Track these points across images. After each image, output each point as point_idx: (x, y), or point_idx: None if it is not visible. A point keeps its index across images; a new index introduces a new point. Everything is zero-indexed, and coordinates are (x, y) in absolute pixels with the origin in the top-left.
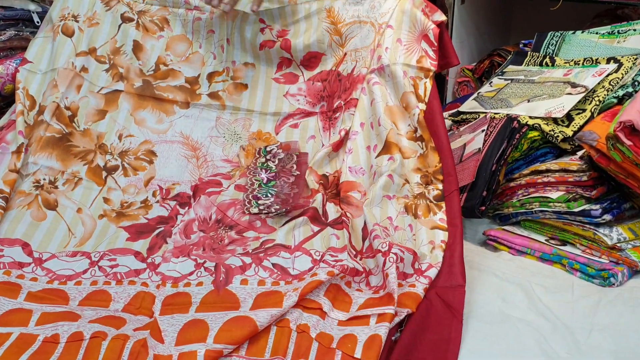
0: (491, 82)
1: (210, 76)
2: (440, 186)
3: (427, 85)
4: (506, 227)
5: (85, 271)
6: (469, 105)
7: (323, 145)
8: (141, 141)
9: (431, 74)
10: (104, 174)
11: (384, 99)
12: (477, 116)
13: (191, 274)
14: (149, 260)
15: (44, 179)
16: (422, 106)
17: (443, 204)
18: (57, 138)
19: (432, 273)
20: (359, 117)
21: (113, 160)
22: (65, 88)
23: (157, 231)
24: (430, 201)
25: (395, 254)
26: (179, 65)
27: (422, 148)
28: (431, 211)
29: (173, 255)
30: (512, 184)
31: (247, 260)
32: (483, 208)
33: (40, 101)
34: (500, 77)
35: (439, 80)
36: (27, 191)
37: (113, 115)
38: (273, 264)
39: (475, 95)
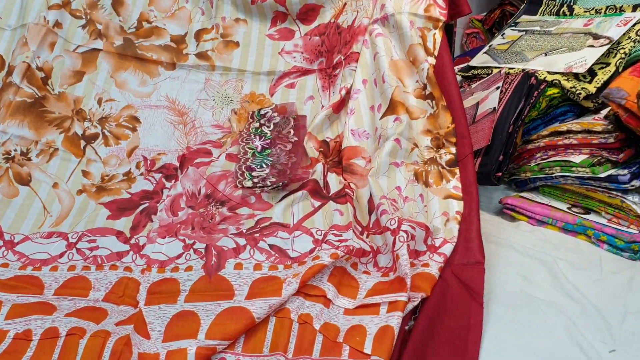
0: (503, 33)
1: (199, 34)
2: (453, 150)
3: (436, 37)
4: (524, 194)
5: (62, 254)
6: (480, 59)
7: (322, 106)
8: (123, 106)
9: (440, 24)
10: (83, 143)
11: (388, 52)
12: (490, 71)
13: (179, 256)
14: (132, 241)
15: (15, 150)
16: (432, 60)
17: (457, 170)
18: (29, 103)
19: (447, 249)
20: (360, 73)
21: (92, 127)
22: (36, 46)
23: (141, 207)
24: (443, 167)
25: (406, 231)
26: (163, 22)
27: (433, 107)
28: (444, 178)
29: (159, 235)
30: (529, 147)
31: (241, 241)
32: (499, 174)
33: (9, 61)
34: (513, 28)
35: (446, 31)
36: None
37: (91, 77)
38: (270, 246)
39: (486, 48)
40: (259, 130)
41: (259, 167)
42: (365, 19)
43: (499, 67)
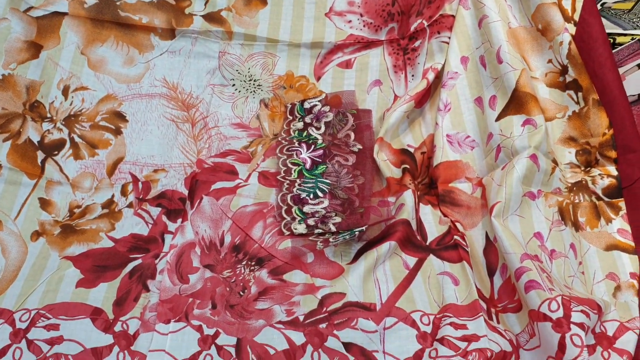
0: None
1: None
2: (613, 170)
3: None
4: None
5: (3, 351)
6: None
7: (396, 97)
8: (101, 97)
9: None
10: (40, 155)
11: (503, 15)
12: (612, 40)
13: (194, 359)
14: (117, 328)
15: None
16: (572, 28)
17: (622, 204)
18: None
19: (630, 342)
20: (457, 47)
21: (55, 131)
22: None
23: (130, 266)
24: (599, 197)
25: (581, 324)
26: None
27: (578, 102)
28: (602, 216)
29: (159, 316)
30: None
31: (297, 337)
32: None
33: None
34: None
35: None
36: None
37: (52, 55)
38: (346, 345)
39: (597, 7)
40: (305, 134)
41: (312, 196)
42: None
43: (625, 34)
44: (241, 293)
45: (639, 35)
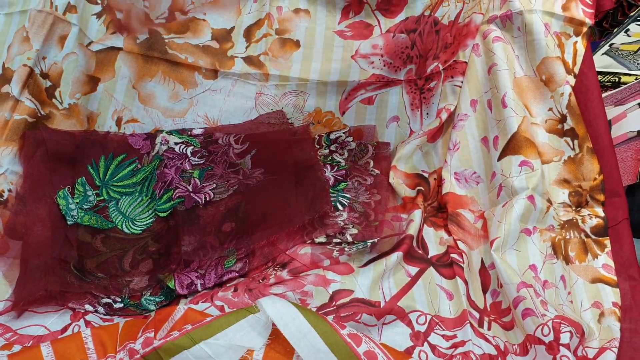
0: (627, 29)
1: (250, 31)
2: (600, 212)
3: (577, 48)
4: None
5: (64, 329)
6: (600, 62)
7: (412, 131)
8: (149, 130)
9: (585, 30)
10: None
11: (510, 65)
12: (617, 79)
13: None
14: None
15: (10, 191)
16: (572, 80)
17: (607, 241)
18: (30, 124)
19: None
20: (468, 91)
21: None
22: (41, 43)
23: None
24: (587, 235)
25: (567, 345)
26: (203, 11)
27: (573, 149)
28: (589, 251)
29: (190, 302)
30: None
31: None
32: None
33: (3, 60)
34: None
35: None
36: None
37: (108, 87)
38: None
39: (605, 48)
40: (329, 158)
41: (332, 209)
42: (478, 16)
43: (630, 74)
44: (260, 281)
45: None
